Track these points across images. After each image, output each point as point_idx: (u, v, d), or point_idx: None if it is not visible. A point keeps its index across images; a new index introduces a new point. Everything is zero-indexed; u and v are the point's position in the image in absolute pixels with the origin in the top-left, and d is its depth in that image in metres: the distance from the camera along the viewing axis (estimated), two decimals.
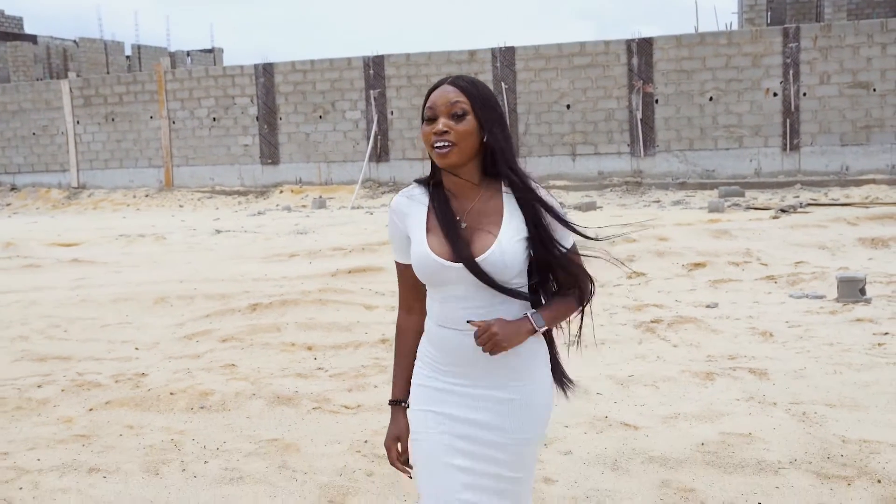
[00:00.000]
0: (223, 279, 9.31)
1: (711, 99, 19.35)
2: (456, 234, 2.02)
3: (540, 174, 19.65)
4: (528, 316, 2.03)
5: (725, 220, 12.88)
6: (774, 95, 18.95)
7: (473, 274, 1.99)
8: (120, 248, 13.06)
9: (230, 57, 64.19)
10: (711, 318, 6.95)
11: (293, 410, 4.74)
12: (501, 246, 2.00)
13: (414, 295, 2.19)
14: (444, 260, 2.01)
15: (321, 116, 22.15)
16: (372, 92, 21.60)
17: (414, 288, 2.17)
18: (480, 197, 2.07)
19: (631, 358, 5.72)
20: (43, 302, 8.33)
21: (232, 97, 22.91)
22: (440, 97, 2.03)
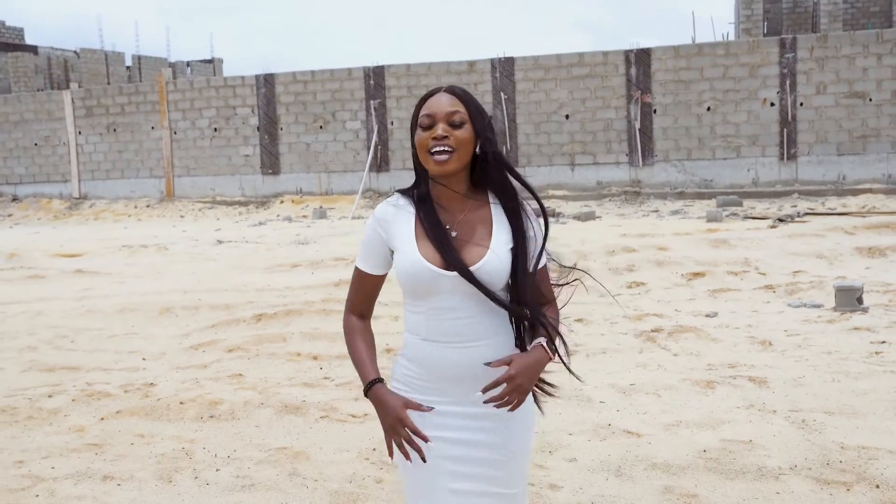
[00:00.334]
0: (227, 289, 9.39)
1: (709, 109, 19.48)
2: (448, 243, 1.99)
3: (539, 184, 19.76)
4: (542, 345, 1.99)
5: (724, 229, 12.98)
6: (771, 105, 19.08)
7: (470, 282, 1.96)
8: (123, 258, 13.13)
9: (230, 67, 64.44)
10: (711, 327, 7.03)
11: (301, 419, 4.82)
12: (496, 254, 1.99)
13: (368, 303, 2.17)
14: (437, 268, 1.98)
15: (322, 127, 22.26)
16: (372, 102, 21.72)
17: (370, 296, 2.16)
18: (469, 207, 2.05)
19: (632, 367, 5.80)
20: (49, 312, 8.41)
21: (233, 107, 23.02)
22: (438, 105, 2.00)
